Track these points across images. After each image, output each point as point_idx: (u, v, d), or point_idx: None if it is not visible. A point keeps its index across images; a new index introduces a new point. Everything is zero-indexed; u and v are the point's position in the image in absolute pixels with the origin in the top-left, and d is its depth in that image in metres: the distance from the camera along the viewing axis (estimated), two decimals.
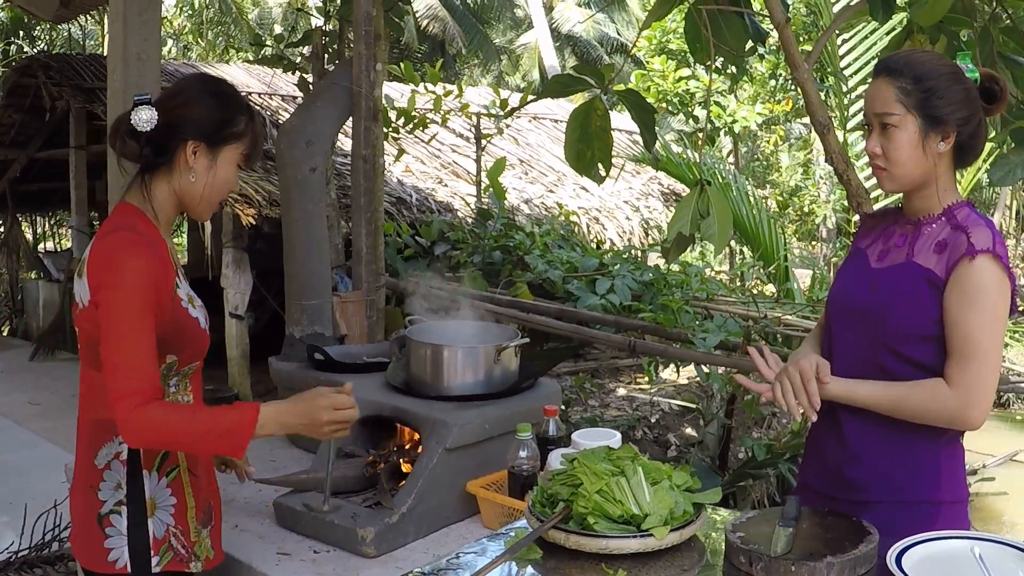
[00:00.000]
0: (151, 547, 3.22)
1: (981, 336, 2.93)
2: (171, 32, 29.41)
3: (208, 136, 3.20)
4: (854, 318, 3.21)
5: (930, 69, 3.04)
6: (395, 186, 12.08)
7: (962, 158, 3.11)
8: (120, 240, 3.10)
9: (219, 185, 3.27)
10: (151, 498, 3.23)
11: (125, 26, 5.71)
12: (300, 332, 5.49)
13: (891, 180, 3.12)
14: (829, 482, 3.25)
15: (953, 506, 3.12)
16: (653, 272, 10.11)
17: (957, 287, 2.96)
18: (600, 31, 38.25)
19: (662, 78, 19.32)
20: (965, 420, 2.97)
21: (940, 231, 3.07)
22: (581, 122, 4.75)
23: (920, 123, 3.03)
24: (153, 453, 3.23)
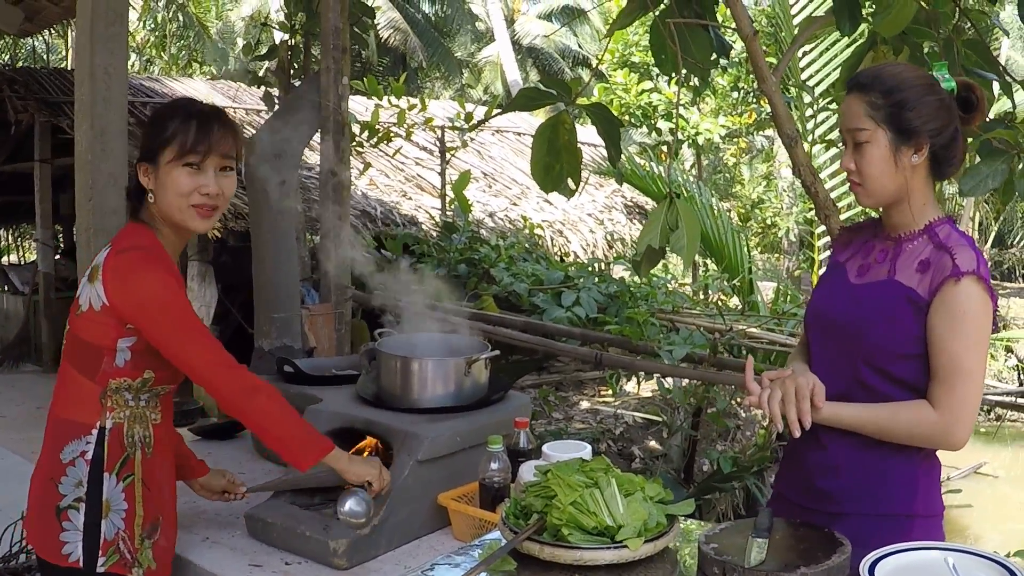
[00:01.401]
0: (100, 546, 3.33)
1: (966, 359, 2.94)
2: (133, 46, 29.30)
3: (145, 154, 3.37)
4: (833, 333, 3.20)
5: (900, 82, 3.04)
6: (360, 199, 12.08)
7: (939, 170, 3.11)
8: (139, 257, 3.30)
9: (171, 192, 3.35)
10: (107, 500, 3.35)
11: (92, 40, 5.69)
12: (269, 345, 5.48)
13: (867, 195, 3.13)
14: (805, 492, 3.26)
15: (928, 520, 3.12)
16: (618, 285, 10.13)
17: (943, 310, 2.96)
18: (562, 44, 38.32)
19: (625, 91, 19.36)
20: (949, 442, 2.99)
21: (922, 249, 3.07)
22: (548, 136, 4.75)
23: (891, 137, 3.02)
24: (115, 457, 3.36)
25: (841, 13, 4.40)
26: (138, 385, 3.39)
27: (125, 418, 3.39)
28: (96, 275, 3.31)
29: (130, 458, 3.40)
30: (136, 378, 3.37)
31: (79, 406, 3.36)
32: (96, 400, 3.35)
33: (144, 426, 3.43)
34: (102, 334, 3.31)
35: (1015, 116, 4.57)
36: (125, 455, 3.39)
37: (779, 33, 13.26)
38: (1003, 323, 19.20)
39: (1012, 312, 21.25)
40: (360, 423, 4.12)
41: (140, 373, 3.37)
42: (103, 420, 3.35)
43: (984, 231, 23.78)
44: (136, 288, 3.26)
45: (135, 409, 3.41)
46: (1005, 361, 16.94)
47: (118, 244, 3.38)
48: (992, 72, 4.81)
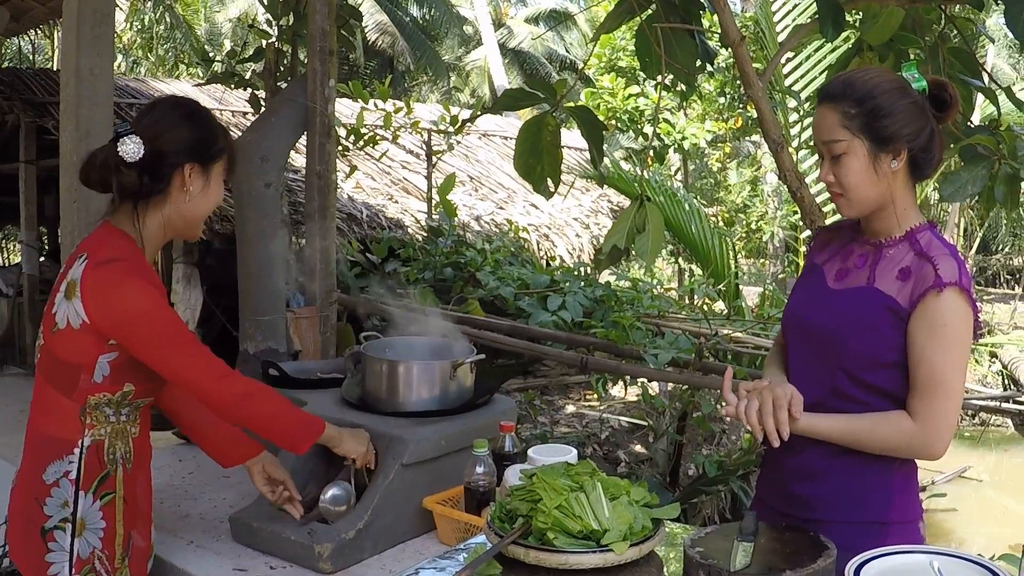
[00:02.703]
0: (72, 566, 3.28)
1: (946, 372, 2.92)
2: (120, 47, 29.23)
3: (200, 156, 3.32)
4: (810, 339, 3.18)
5: (872, 88, 3.01)
6: (346, 202, 12.07)
7: (918, 172, 3.08)
8: (120, 270, 3.21)
9: (213, 202, 3.42)
10: (82, 518, 3.29)
11: (78, 41, 5.68)
12: (254, 348, 5.47)
13: (850, 206, 3.09)
14: (783, 499, 3.25)
15: (903, 526, 3.11)
16: (604, 289, 10.13)
17: (924, 321, 2.93)
18: (549, 48, 38.38)
19: (611, 95, 19.35)
20: (928, 453, 2.97)
21: (903, 256, 3.04)
22: (531, 136, 4.76)
23: (868, 146, 2.99)
24: (93, 475, 3.30)
25: (825, 19, 4.40)
26: (118, 399, 3.33)
27: (106, 435, 3.34)
28: (73, 292, 3.21)
29: (110, 475, 3.35)
30: (116, 392, 3.31)
31: (59, 423, 3.30)
32: (76, 417, 3.28)
33: (125, 441, 3.39)
34: (81, 352, 3.24)
35: (999, 122, 4.56)
36: (104, 472, 3.34)
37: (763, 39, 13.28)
38: (987, 328, 19.23)
39: (996, 318, 21.31)
40: (345, 426, 4.12)
41: (120, 387, 3.31)
42: (83, 437, 3.30)
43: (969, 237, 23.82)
44: (119, 304, 3.18)
45: (116, 425, 3.36)
46: (989, 366, 16.97)
47: (95, 256, 3.26)
48: (976, 79, 4.82)
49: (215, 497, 4.55)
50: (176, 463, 5.03)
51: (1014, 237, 27.90)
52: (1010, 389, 15.40)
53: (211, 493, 4.60)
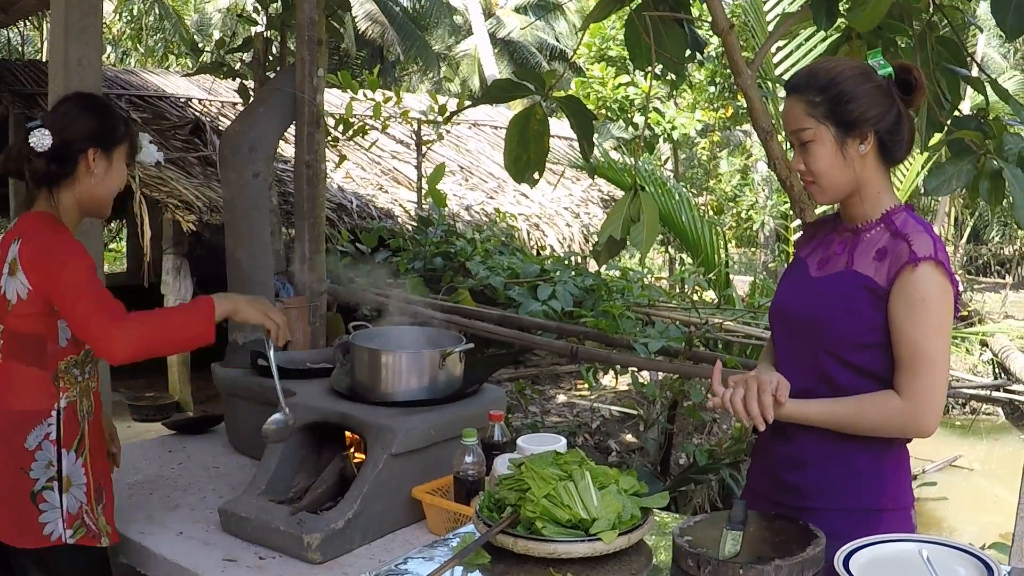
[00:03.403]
0: (65, 521, 3.54)
1: (928, 346, 2.93)
2: (109, 38, 29.18)
3: (102, 142, 3.63)
4: (795, 328, 3.21)
5: (834, 76, 3.06)
6: (336, 192, 12.06)
7: (889, 155, 3.11)
8: (56, 238, 3.53)
9: (116, 182, 3.72)
10: (67, 475, 3.57)
11: (66, 31, 5.67)
12: (243, 338, 5.45)
13: (822, 192, 3.14)
14: (774, 487, 3.26)
15: (896, 513, 3.11)
16: (594, 278, 10.11)
17: (902, 297, 2.95)
18: (539, 37, 38.31)
19: (601, 85, 19.34)
20: (918, 430, 2.98)
21: (880, 237, 3.07)
22: (520, 128, 4.75)
23: (834, 132, 3.04)
24: (72, 434, 3.59)
25: (818, 8, 4.39)
26: (82, 359, 3.65)
27: (77, 395, 3.63)
28: (16, 268, 3.50)
29: (84, 434, 3.65)
30: (79, 352, 3.62)
31: (32, 396, 3.53)
32: (49, 385, 3.55)
33: (88, 397, 3.71)
34: (39, 322, 3.53)
35: (988, 112, 4.56)
36: (80, 431, 3.63)
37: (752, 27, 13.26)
38: (978, 318, 19.26)
39: (987, 307, 21.33)
40: (334, 416, 4.12)
41: (82, 347, 3.61)
42: (59, 401, 3.56)
43: (959, 226, 23.84)
44: (52, 266, 3.45)
45: (82, 383, 3.67)
46: (980, 355, 16.98)
47: (27, 235, 3.55)
48: (964, 69, 4.82)
49: (204, 488, 4.55)
50: (165, 454, 5.03)
51: (1004, 227, 27.92)
52: (1000, 378, 15.43)
53: (200, 484, 4.60)
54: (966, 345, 17.18)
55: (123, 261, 17.64)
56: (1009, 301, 22.22)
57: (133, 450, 5.07)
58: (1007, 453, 13.89)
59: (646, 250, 4.54)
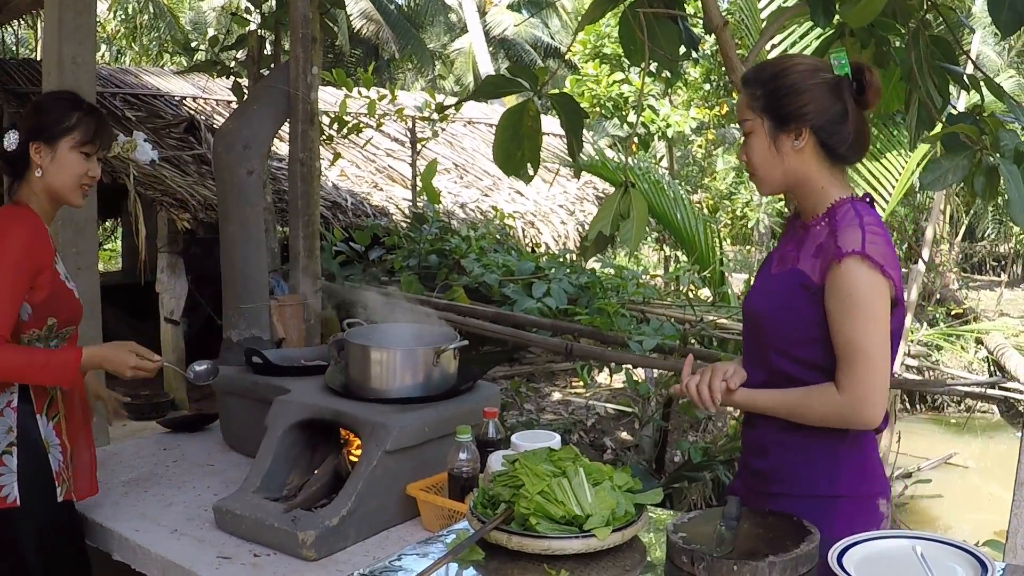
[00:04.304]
0: (54, 479, 3.84)
1: (860, 339, 2.98)
2: (104, 37, 29.16)
3: (42, 135, 3.83)
4: (749, 324, 3.34)
5: (778, 72, 3.14)
6: (330, 190, 12.06)
7: (831, 152, 3.14)
8: (6, 214, 3.80)
9: (69, 172, 3.86)
10: (45, 439, 3.84)
11: (60, 30, 5.67)
12: (238, 336, 5.45)
13: (760, 184, 3.25)
14: (746, 474, 3.41)
15: (856, 501, 3.18)
16: (589, 276, 10.13)
17: (831, 293, 3.01)
18: (533, 35, 38.32)
19: (596, 82, 19.34)
20: (859, 421, 3.05)
21: (822, 233, 3.12)
22: (512, 123, 4.75)
23: (769, 125, 3.12)
24: (42, 399, 3.85)
25: (815, 6, 4.39)
26: (45, 333, 3.83)
27: None
28: None
29: (54, 399, 3.90)
30: (42, 327, 3.80)
31: None
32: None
33: None
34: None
35: (983, 109, 4.56)
36: (49, 397, 3.87)
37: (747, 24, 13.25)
38: (973, 315, 19.27)
39: (982, 304, 21.32)
40: (328, 414, 4.12)
41: (44, 322, 3.80)
42: None
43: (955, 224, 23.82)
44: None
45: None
46: (975, 353, 16.99)
47: None
48: (957, 67, 4.82)
49: (199, 485, 4.54)
50: (160, 452, 5.02)
51: (999, 224, 27.90)
52: (995, 376, 15.42)
53: (195, 481, 4.59)
54: (961, 343, 17.18)
55: (118, 260, 17.62)
56: (1004, 299, 22.23)
57: (128, 448, 5.07)
58: (1002, 451, 13.89)
59: (634, 246, 4.58)
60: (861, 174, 12.20)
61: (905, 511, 10.42)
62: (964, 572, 2.47)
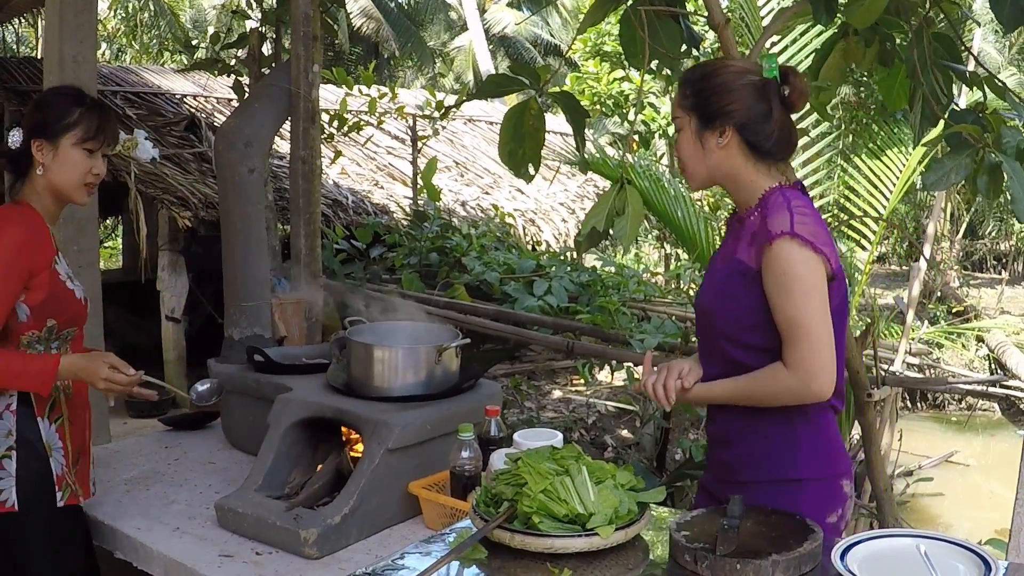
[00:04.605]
0: (55, 483, 3.77)
1: (800, 315, 3.07)
2: (105, 35, 29.15)
3: (43, 132, 3.75)
4: (702, 318, 3.45)
5: (707, 74, 3.31)
6: (331, 188, 12.05)
7: (756, 150, 3.26)
8: (5, 212, 3.73)
9: (69, 169, 3.78)
10: (47, 442, 3.77)
11: (61, 28, 5.66)
12: (239, 334, 5.44)
13: (687, 178, 3.41)
14: (713, 466, 3.52)
15: (819, 483, 3.28)
16: (590, 274, 10.13)
17: (768, 275, 3.12)
18: (533, 33, 38.30)
19: (596, 80, 19.33)
20: (811, 394, 3.12)
21: (756, 222, 3.24)
22: (515, 122, 4.74)
23: (695, 123, 3.28)
24: (43, 402, 3.77)
25: (818, 4, 4.38)
26: (45, 335, 3.77)
27: None
28: None
29: (56, 402, 3.82)
30: (42, 328, 3.74)
31: None
32: None
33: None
34: None
35: (986, 107, 4.55)
36: (52, 400, 3.79)
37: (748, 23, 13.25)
38: (974, 313, 19.26)
39: (983, 302, 21.32)
40: (330, 412, 4.12)
41: (44, 323, 3.74)
42: None
43: (956, 222, 23.80)
44: None
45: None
46: (976, 351, 16.97)
47: None
48: (960, 64, 4.81)
49: (200, 483, 4.54)
50: (161, 450, 5.02)
51: (1000, 222, 27.88)
52: (997, 374, 15.41)
53: (196, 479, 4.59)
54: (962, 341, 17.18)
55: (119, 258, 17.61)
56: (1005, 297, 22.21)
57: (129, 446, 5.07)
58: (1003, 449, 13.88)
59: (628, 243, 4.63)
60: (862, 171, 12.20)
61: (906, 509, 10.41)
62: (967, 571, 2.48)
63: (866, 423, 4.95)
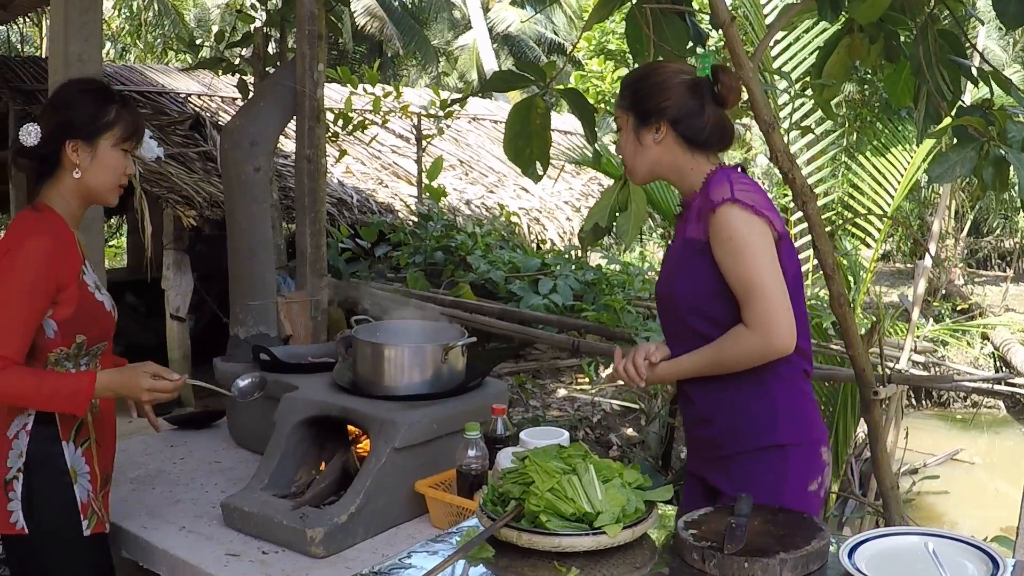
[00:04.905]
0: (80, 511, 3.56)
1: (751, 275, 3.24)
2: (109, 34, 29.17)
3: (80, 132, 3.51)
4: (664, 302, 3.63)
5: (644, 75, 3.59)
6: (336, 187, 12.06)
7: (692, 142, 3.47)
8: (28, 220, 3.49)
9: (108, 172, 3.59)
10: (72, 467, 3.56)
11: (66, 27, 5.67)
12: (245, 333, 5.44)
13: (629, 173, 3.66)
14: (695, 448, 3.67)
15: (803, 448, 3.45)
16: (595, 272, 10.12)
17: (716, 242, 3.30)
18: (537, 31, 38.27)
19: (600, 79, 19.33)
20: (774, 349, 3.27)
21: (700, 199, 3.44)
22: (521, 119, 4.74)
23: (633, 121, 3.53)
24: (69, 425, 3.55)
25: (823, 1, 4.38)
26: (74, 352, 3.55)
27: None
28: None
29: (84, 424, 3.62)
30: (71, 345, 3.52)
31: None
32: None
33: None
34: None
35: (992, 103, 4.55)
36: (79, 422, 3.59)
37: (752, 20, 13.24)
38: (979, 311, 19.26)
39: (988, 300, 21.31)
40: (336, 411, 4.11)
41: (72, 339, 3.52)
42: None
43: (960, 219, 23.81)
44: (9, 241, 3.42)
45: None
46: (981, 349, 16.98)
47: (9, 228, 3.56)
48: (965, 61, 4.81)
49: (206, 482, 4.54)
50: (167, 449, 5.02)
51: (1005, 219, 27.87)
52: (1002, 371, 15.42)
53: (202, 479, 4.59)
54: (967, 338, 17.18)
55: (124, 257, 17.62)
56: (1010, 294, 22.18)
57: (135, 445, 5.06)
58: (1008, 447, 13.89)
59: (631, 239, 4.69)
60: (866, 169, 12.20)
61: (912, 507, 10.40)
62: (975, 568, 2.47)
63: (872, 421, 4.93)
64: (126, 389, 3.53)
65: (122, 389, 3.53)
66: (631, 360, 3.52)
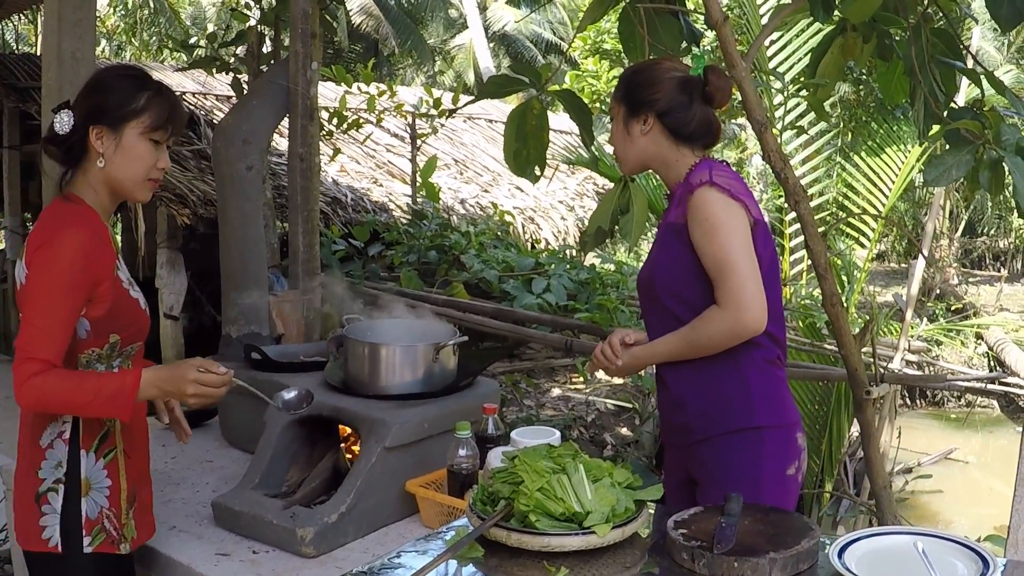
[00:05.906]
0: (83, 527, 3.32)
1: (725, 255, 3.37)
2: (104, 32, 29.14)
3: (104, 118, 3.29)
4: (644, 289, 3.74)
5: (639, 70, 3.74)
6: (330, 186, 12.05)
7: (678, 135, 3.62)
8: (61, 211, 3.27)
9: (134, 163, 3.35)
10: (86, 478, 3.33)
11: (59, 25, 5.65)
12: (237, 332, 5.44)
13: (619, 163, 3.80)
14: (671, 433, 3.79)
15: (780, 431, 3.56)
16: (589, 272, 10.12)
17: (693, 224, 3.44)
18: (533, 31, 38.26)
19: (595, 78, 19.33)
20: (744, 327, 3.37)
21: (682, 187, 3.58)
22: (518, 122, 4.75)
23: (624, 112, 3.69)
24: (92, 433, 3.34)
25: (815, 1, 4.39)
26: (107, 352, 3.35)
27: None
28: (23, 251, 3.25)
29: (110, 432, 3.39)
30: (103, 345, 3.32)
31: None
32: None
33: None
34: None
35: (984, 104, 4.56)
36: (104, 431, 3.37)
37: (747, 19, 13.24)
38: (973, 311, 19.29)
39: (982, 299, 21.34)
40: (328, 410, 4.11)
41: (105, 339, 3.32)
42: None
43: (955, 219, 23.81)
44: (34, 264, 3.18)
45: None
46: (975, 348, 17.00)
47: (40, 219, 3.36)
48: (959, 61, 4.81)
49: (197, 482, 4.54)
50: (159, 448, 5.00)
51: (999, 220, 27.89)
52: (996, 371, 15.43)
53: (193, 478, 4.59)
54: (961, 338, 17.19)
55: None
56: (1004, 294, 22.21)
57: None
58: (1002, 446, 13.88)
59: (635, 241, 4.70)
60: (861, 169, 12.22)
61: (905, 506, 10.41)
62: (965, 568, 2.47)
63: (865, 420, 4.94)
64: (171, 385, 3.25)
65: (168, 385, 3.25)
66: (607, 343, 3.68)
